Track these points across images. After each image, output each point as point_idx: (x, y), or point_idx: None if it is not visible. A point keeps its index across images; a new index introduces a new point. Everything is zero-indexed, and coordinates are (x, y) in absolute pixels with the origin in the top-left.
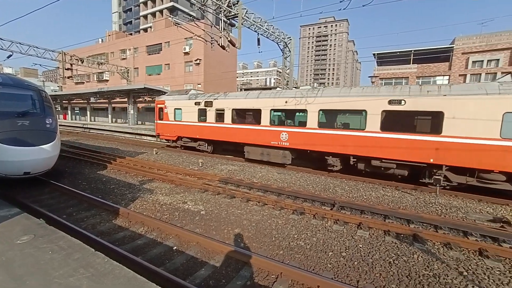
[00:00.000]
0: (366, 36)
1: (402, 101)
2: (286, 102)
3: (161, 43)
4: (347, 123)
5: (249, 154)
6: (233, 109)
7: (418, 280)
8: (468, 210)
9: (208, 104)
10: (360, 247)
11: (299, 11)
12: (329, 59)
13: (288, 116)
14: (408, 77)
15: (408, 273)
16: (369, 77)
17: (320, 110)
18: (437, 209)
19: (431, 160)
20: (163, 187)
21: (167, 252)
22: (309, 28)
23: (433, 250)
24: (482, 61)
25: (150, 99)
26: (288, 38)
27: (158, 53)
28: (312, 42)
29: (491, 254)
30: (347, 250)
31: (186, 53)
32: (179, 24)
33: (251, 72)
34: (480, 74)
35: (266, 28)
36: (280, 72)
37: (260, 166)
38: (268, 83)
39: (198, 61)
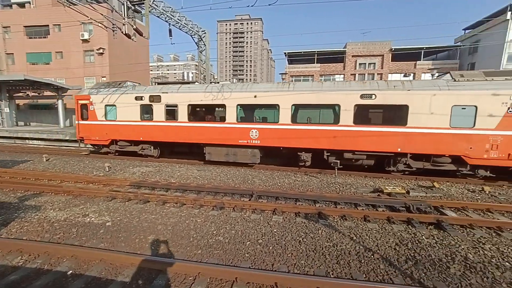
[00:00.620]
0: (279, 35)
1: (373, 95)
2: (255, 96)
3: (48, 25)
4: (321, 118)
5: (211, 155)
6: (189, 105)
7: (321, 252)
8: (358, 186)
9: (155, 99)
10: (275, 232)
11: (209, 3)
12: (246, 56)
13: (258, 112)
14: (313, 75)
15: (314, 247)
16: (280, 74)
17: (293, 105)
18: (336, 188)
19: (399, 150)
20: (56, 201)
21: (58, 280)
22: (226, 24)
23: (333, 223)
24: (365, 63)
25: (37, 93)
26: (202, 31)
27: (45, 37)
28: (230, 38)
29: (371, 218)
30: (263, 237)
31: (85, 41)
32: (70, 2)
33: (167, 65)
34: (364, 74)
35: (177, 19)
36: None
37: (179, 164)
38: (186, 77)
39: (101, 51)
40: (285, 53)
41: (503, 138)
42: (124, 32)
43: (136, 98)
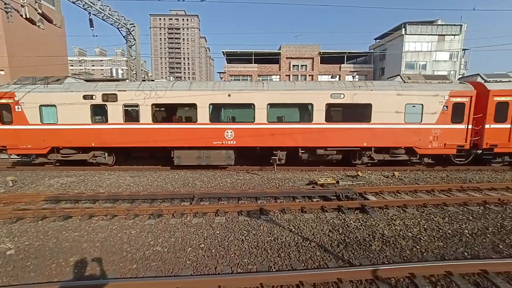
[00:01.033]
0: (215, 33)
1: (341, 95)
2: (229, 95)
3: None
4: (296, 117)
5: (180, 159)
6: (154, 104)
7: (263, 247)
8: (295, 180)
9: (110, 98)
10: (218, 234)
11: None
12: (183, 53)
13: (232, 112)
14: (251, 74)
15: (256, 244)
16: (218, 72)
17: (269, 104)
18: (276, 183)
19: (365, 144)
20: None
21: None
22: (160, 19)
23: (274, 218)
24: (298, 65)
25: None
26: (131, 24)
27: None
28: (165, 33)
29: (307, 209)
30: (206, 240)
31: None
32: None
33: (91, 60)
34: (298, 75)
35: (100, 8)
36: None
37: (108, 172)
38: (115, 74)
39: None
40: (223, 52)
41: (441, 130)
42: (24, 16)
43: (85, 97)
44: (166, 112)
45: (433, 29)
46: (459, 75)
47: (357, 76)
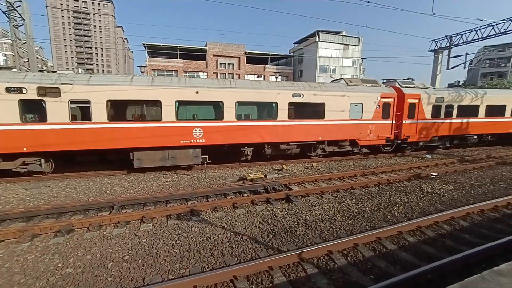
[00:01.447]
0: (135, 23)
1: (301, 95)
2: (197, 92)
3: None
4: (262, 114)
5: (141, 162)
6: (109, 101)
7: (196, 249)
8: (226, 177)
9: (49, 92)
10: (144, 242)
11: None
12: (95, 42)
13: (200, 109)
14: (177, 70)
15: (188, 246)
16: (139, 66)
17: (237, 102)
18: (207, 182)
19: (320, 138)
20: None
21: None
22: None
23: (206, 217)
24: (225, 63)
25: None
26: None
27: None
28: (69, 17)
29: (239, 204)
30: (130, 251)
31: None
32: None
33: None
34: (225, 73)
35: None
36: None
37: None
38: None
39: None
40: (144, 44)
41: (375, 125)
42: None
43: (9, 90)
44: (125, 110)
45: (340, 39)
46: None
47: (279, 77)
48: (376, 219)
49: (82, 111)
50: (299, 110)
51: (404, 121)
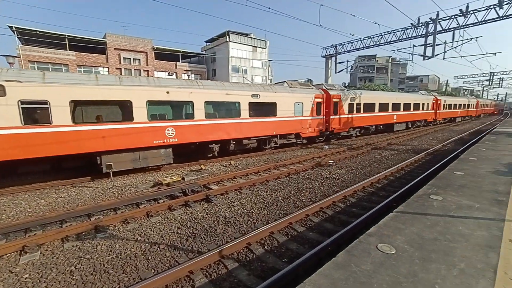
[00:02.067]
0: None
1: (258, 95)
2: (167, 92)
3: None
4: (227, 113)
5: (111, 166)
6: (72, 101)
7: (103, 269)
8: (138, 184)
9: None
10: (27, 279)
11: None
12: None
13: (172, 109)
14: (67, 64)
15: (93, 268)
16: (4, 55)
17: (205, 101)
18: (115, 192)
19: (274, 133)
20: None
21: None
22: None
23: (115, 232)
24: (130, 58)
25: None
26: None
27: None
28: None
29: (154, 213)
30: None
31: None
32: None
33: None
34: (131, 69)
35: None
36: None
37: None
38: None
39: None
40: (12, 27)
41: (312, 120)
42: None
43: None
44: (92, 111)
45: (249, 41)
46: (269, 80)
47: (192, 75)
48: (287, 206)
49: (38, 113)
50: (257, 109)
51: (331, 117)
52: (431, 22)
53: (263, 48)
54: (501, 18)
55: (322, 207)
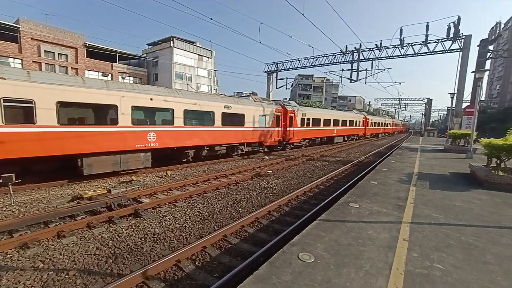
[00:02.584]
0: None
1: (230, 107)
2: (151, 99)
3: None
4: (203, 121)
5: (92, 168)
6: (59, 103)
7: None
8: (50, 199)
9: None
10: None
11: None
12: None
13: (154, 115)
14: None
15: None
16: None
17: (185, 109)
18: (15, 209)
19: (242, 140)
20: None
21: None
22: None
23: (5, 263)
24: (54, 53)
25: None
26: None
27: None
28: None
29: (67, 232)
30: None
31: None
32: None
33: None
34: (54, 65)
35: None
36: None
37: None
38: None
39: None
40: None
41: (272, 131)
42: None
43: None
44: (77, 113)
45: (194, 49)
46: (214, 90)
47: (131, 78)
48: (224, 218)
49: (22, 112)
50: (229, 119)
51: (287, 129)
52: (356, 51)
53: (209, 57)
54: (403, 56)
55: (258, 217)
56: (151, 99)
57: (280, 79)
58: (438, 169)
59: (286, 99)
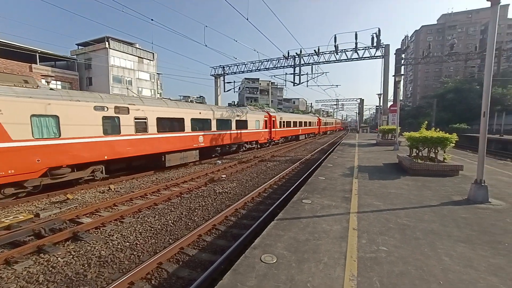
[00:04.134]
0: None
1: (240, 116)
2: (200, 113)
3: None
4: (227, 127)
5: (170, 161)
6: (158, 118)
7: None
8: None
9: (122, 110)
10: None
11: None
12: None
13: (201, 124)
14: None
15: None
16: None
17: (217, 119)
18: None
19: (246, 140)
20: None
21: None
22: None
23: None
24: None
25: None
26: None
27: None
28: None
29: None
30: None
31: None
32: None
33: None
34: None
35: None
36: None
37: None
38: None
39: None
40: None
41: (264, 132)
42: None
43: (96, 108)
44: (164, 124)
45: (134, 51)
46: (158, 93)
47: (58, 83)
48: (179, 230)
49: (140, 125)
50: (240, 124)
51: (272, 130)
52: (297, 56)
53: (150, 60)
54: (338, 61)
55: (215, 224)
56: (200, 113)
57: (227, 82)
58: (374, 161)
59: (234, 102)
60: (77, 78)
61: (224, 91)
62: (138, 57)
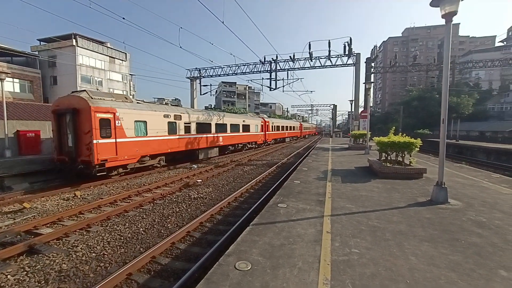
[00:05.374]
0: None
1: (245, 120)
2: (222, 118)
3: None
4: (236, 129)
5: (201, 156)
6: (196, 123)
7: None
8: None
9: (178, 117)
10: None
11: None
12: None
13: (221, 127)
14: None
15: None
16: None
17: (230, 124)
18: None
19: (249, 141)
20: None
21: None
22: None
23: None
24: None
25: None
26: None
27: None
28: None
29: None
30: None
31: None
32: None
33: None
34: None
35: None
36: None
37: None
38: None
39: None
40: None
41: (260, 135)
42: None
43: (164, 116)
44: (198, 127)
45: (104, 50)
46: (131, 95)
47: (16, 80)
48: (151, 238)
49: (187, 128)
50: (244, 127)
51: (266, 133)
52: (273, 61)
53: (122, 60)
54: (312, 68)
55: (189, 231)
56: (219, 119)
57: (204, 85)
58: (346, 165)
59: (211, 105)
60: (39, 76)
61: (201, 94)
62: (110, 56)
